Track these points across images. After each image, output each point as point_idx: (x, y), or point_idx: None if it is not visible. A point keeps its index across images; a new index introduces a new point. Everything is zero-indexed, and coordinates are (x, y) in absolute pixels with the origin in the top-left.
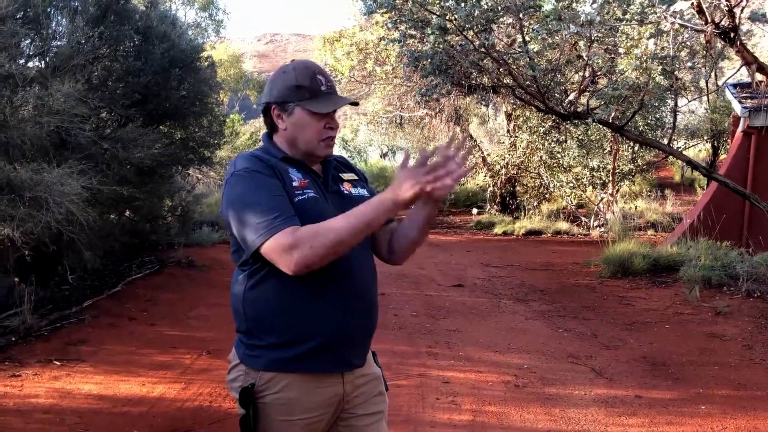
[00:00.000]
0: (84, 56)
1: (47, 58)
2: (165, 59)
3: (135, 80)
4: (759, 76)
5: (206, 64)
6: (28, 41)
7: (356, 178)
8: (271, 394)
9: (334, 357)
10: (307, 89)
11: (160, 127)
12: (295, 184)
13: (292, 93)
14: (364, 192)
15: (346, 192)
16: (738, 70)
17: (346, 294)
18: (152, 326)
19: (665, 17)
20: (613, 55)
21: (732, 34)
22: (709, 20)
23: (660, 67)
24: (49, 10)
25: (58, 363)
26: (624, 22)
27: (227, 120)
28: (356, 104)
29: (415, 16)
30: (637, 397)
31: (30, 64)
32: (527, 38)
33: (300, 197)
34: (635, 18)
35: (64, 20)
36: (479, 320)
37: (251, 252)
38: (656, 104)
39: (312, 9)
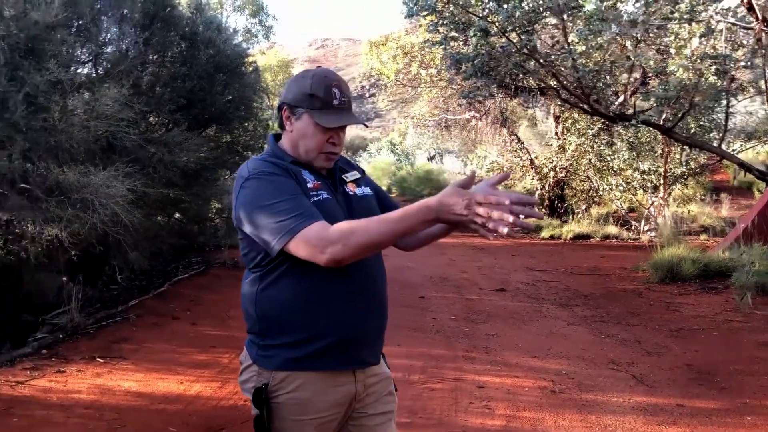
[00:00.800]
0: (130, 62)
1: (96, 65)
2: (210, 64)
3: (181, 85)
4: None
5: (251, 69)
6: (78, 48)
7: (358, 176)
8: (285, 393)
9: (348, 355)
10: (319, 99)
11: (206, 130)
12: (309, 185)
13: (304, 99)
14: (367, 190)
15: (351, 193)
16: None
17: (359, 292)
18: (194, 325)
19: (713, 15)
20: (664, 56)
21: None
22: (760, 17)
23: (713, 66)
24: (99, 17)
25: (101, 360)
26: (672, 21)
27: (272, 123)
28: (365, 125)
29: (456, 19)
30: (678, 406)
31: (80, 71)
32: (570, 39)
33: (316, 198)
34: (684, 17)
35: (112, 28)
36: (520, 325)
37: (277, 250)
38: (710, 105)
39: (363, 14)
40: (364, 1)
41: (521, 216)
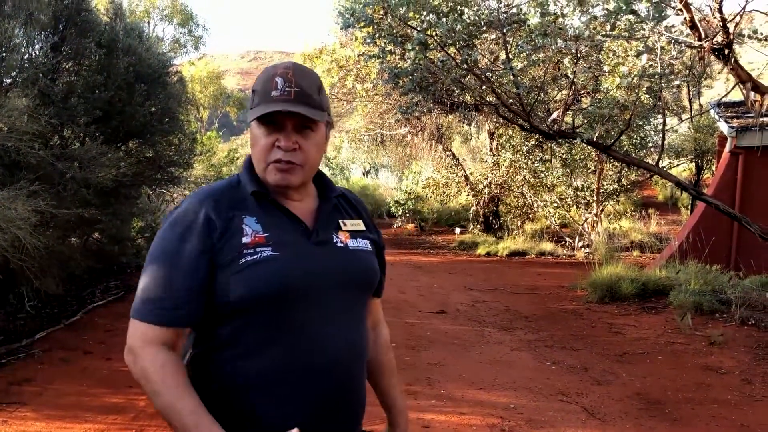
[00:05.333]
0: (37, 69)
1: None
2: (130, 74)
3: (97, 96)
4: (753, 95)
5: (176, 79)
6: None
7: (361, 227)
8: None
9: None
10: (258, 94)
11: (129, 144)
12: (245, 240)
13: (250, 100)
14: (364, 245)
15: (340, 244)
16: (732, 88)
17: (304, 384)
18: (108, 360)
19: (654, 33)
20: (597, 73)
21: (726, 51)
22: (703, 36)
23: (647, 85)
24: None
25: None
26: (611, 38)
27: (204, 137)
28: (311, 120)
29: (394, 31)
30: None
31: None
32: (511, 55)
33: (247, 258)
34: (622, 34)
35: (16, 30)
36: (462, 351)
37: None
38: (641, 123)
39: (296, 26)
40: (296, 14)
41: None
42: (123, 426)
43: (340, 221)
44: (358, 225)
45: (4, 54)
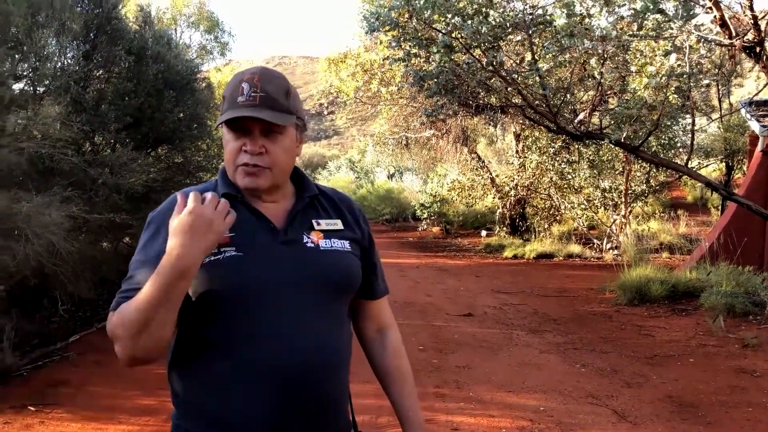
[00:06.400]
0: (70, 77)
1: (32, 80)
2: (159, 80)
3: (127, 103)
4: None
5: (203, 85)
6: (8, 62)
7: (338, 226)
8: None
9: None
10: (227, 100)
11: (158, 150)
12: None
13: (222, 106)
14: (340, 245)
15: (311, 245)
16: (764, 87)
17: (273, 379)
18: None
19: (683, 32)
20: (623, 74)
21: (757, 49)
22: (734, 34)
23: (676, 85)
24: (35, 28)
25: (33, 409)
26: (639, 38)
27: None
28: (273, 124)
29: (419, 34)
30: None
31: (13, 86)
32: (537, 56)
33: (211, 258)
34: (650, 34)
35: (50, 39)
36: (491, 354)
37: None
38: (669, 123)
39: (319, 31)
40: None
41: None
42: (155, 427)
43: (313, 221)
44: (335, 225)
45: (37, 63)
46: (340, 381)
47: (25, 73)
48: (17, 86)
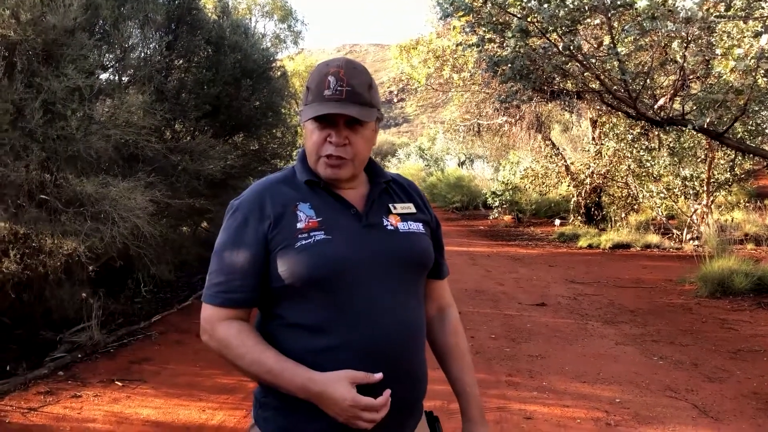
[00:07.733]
0: (153, 67)
1: (118, 70)
2: (237, 69)
3: (206, 91)
4: None
5: (279, 74)
6: (97, 53)
7: (411, 209)
8: None
9: None
10: (312, 92)
11: (233, 138)
12: (300, 225)
13: (305, 96)
14: (416, 227)
15: (390, 227)
16: None
17: (369, 355)
18: None
19: None
20: (708, 57)
21: None
22: None
23: (766, 67)
24: (121, 21)
25: (119, 384)
26: (727, 19)
27: (300, 130)
28: (357, 121)
29: (494, 19)
30: None
31: (100, 77)
32: (616, 40)
33: (302, 242)
34: (738, 14)
35: (135, 31)
36: (564, 345)
37: None
38: (757, 108)
39: (391, 19)
40: (389, 7)
41: None
42: (234, 405)
43: (390, 205)
44: (409, 208)
45: (123, 54)
46: (424, 357)
47: (111, 64)
48: (104, 76)
